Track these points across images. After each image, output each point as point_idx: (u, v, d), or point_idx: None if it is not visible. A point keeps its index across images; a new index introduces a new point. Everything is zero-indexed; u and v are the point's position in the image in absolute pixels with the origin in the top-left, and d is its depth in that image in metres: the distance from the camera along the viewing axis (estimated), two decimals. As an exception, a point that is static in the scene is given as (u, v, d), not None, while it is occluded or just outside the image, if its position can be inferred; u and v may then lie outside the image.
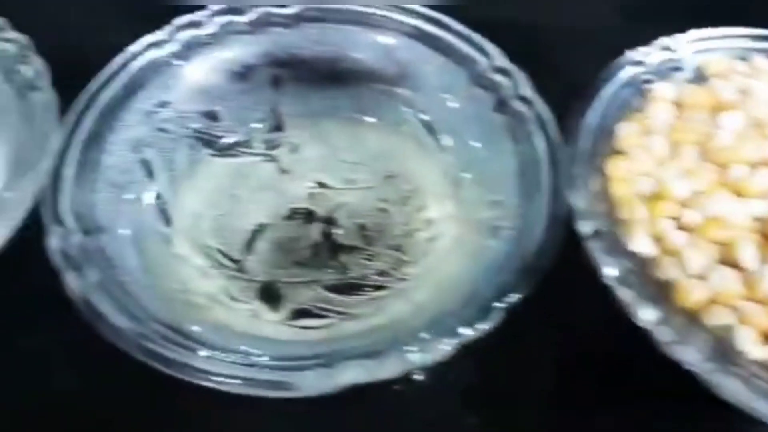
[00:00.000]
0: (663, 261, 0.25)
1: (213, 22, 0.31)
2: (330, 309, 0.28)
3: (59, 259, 0.25)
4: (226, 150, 0.32)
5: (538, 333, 0.27)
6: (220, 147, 0.32)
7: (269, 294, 0.29)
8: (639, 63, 0.29)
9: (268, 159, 0.32)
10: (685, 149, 0.27)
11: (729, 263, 0.25)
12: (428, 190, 0.31)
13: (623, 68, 0.29)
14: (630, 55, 0.29)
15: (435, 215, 0.31)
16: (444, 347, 0.23)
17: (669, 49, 0.30)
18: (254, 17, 0.31)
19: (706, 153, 0.27)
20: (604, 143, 0.27)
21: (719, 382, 0.23)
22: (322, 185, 0.32)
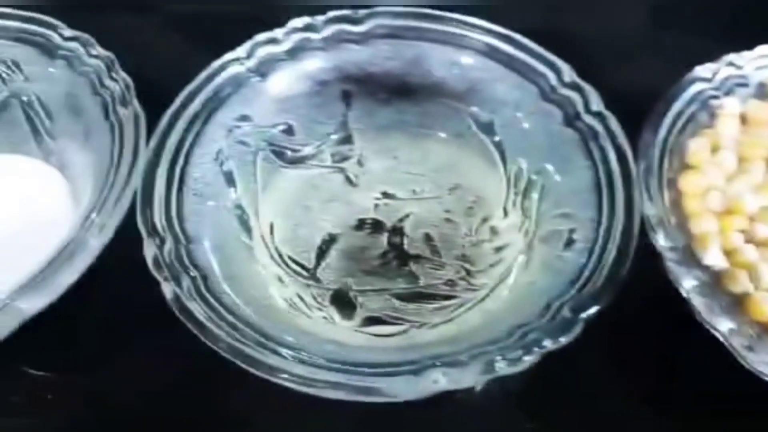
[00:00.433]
0: (735, 274, 0.26)
1: (289, 39, 0.32)
2: (401, 317, 0.29)
3: (155, 269, 0.26)
4: (299, 162, 0.33)
5: (611, 342, 0.28)
6: (293, 159, 0.33)
7: (342, 302, 0.30)
8: (706, 79, 0.30)
9: (337, 171, 0.33)
10: (754, 164, 0.28)
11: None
12: (493, 201, 0.32)
13: (692, 84, 0.29)
14: (698, 71, 0.30)
15: (501, 225, 0.32)
16: (528, 358, 0.24)
17: (735, 65, 0.30)
18: (328, 34, 0.32)
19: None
20: (674, 158, 0.28)
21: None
22: (389, 196, 0.33)
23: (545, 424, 0.28)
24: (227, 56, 0.31)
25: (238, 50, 0.31)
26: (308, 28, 0.32)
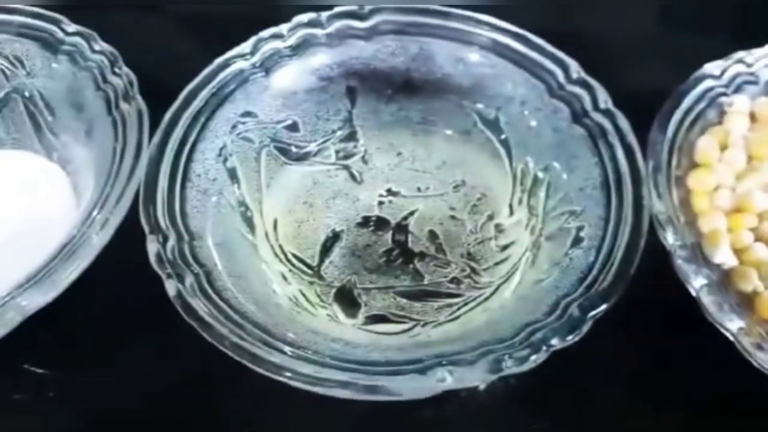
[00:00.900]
0: (745, 272, 0.26)
1: (294, 35, 0.32)
2: (406, 315, 0.29)
3: (158, 265, 0.26)
4: (303, 159, 0.33)
5: (618, 341, 0.28)
6: (297, 156, 0.33)
7: (346, 299, 0.30)
8: (715, 77, 0.29)
9: (342, 168, 0.33)
10: (764, 162, 0.28)
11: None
12: (499, 199, 0.32)
13: (701, 81, 0.29)
14: (707, 68, 0.29)
15: (507, 223, 0.31)
16: (537, 357, 0.23)
17: (744, 63, 0.30)
18: (333, 30, 0.32)
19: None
20: (683, 156, 0.28)
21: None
22: (393, 193, 0.33)
23: (550, 423, 0.28)
24: (231, 52, 0.31)
25: (243, 46, 0.31)
26: (313, 24, 0.32)
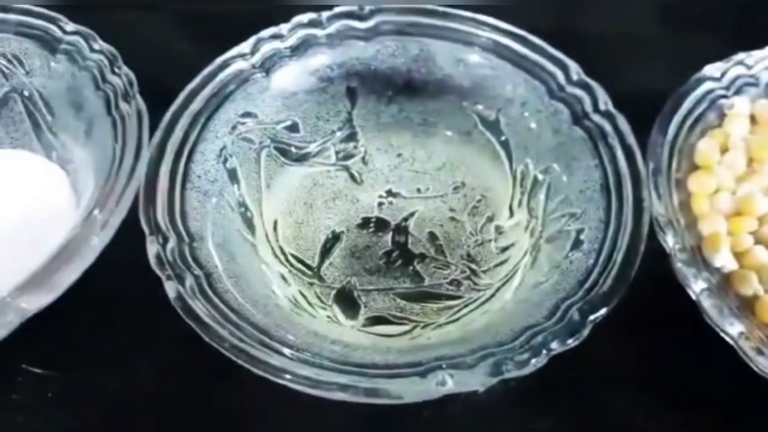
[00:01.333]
0: (745, 276, 0.26)
1: (294, 35, 0.32)
2: (406, 317, 0.29)
3: (158, 267, 0.25)
4: (303, 159, 0.33)
5: (618, 344, 0.28)
6: (298, 157, 0.33)
7: (346, 301, 0.30)
8: (716, 79, 0.29)
9: (342, 168, 0.33)
10: (764, 165, 0.28)
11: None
12: (499, 201, 0.32)
13: (701, 83, 0.29)
14: (708, 70, 0.29)
15: (506, 225, 0.31)
16: (537, 360, 0.23)
17: (744, 65, 0.30)
18: (333, 30, 0.32)
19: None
20: (683, 158, 0.28)
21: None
22: (393, 194, 0.33)
23: (550, 425, 0.28)
24: (231, 52, 0.31)
25: (243, 46, 0.31)
26: (313, 24, 0.32)
